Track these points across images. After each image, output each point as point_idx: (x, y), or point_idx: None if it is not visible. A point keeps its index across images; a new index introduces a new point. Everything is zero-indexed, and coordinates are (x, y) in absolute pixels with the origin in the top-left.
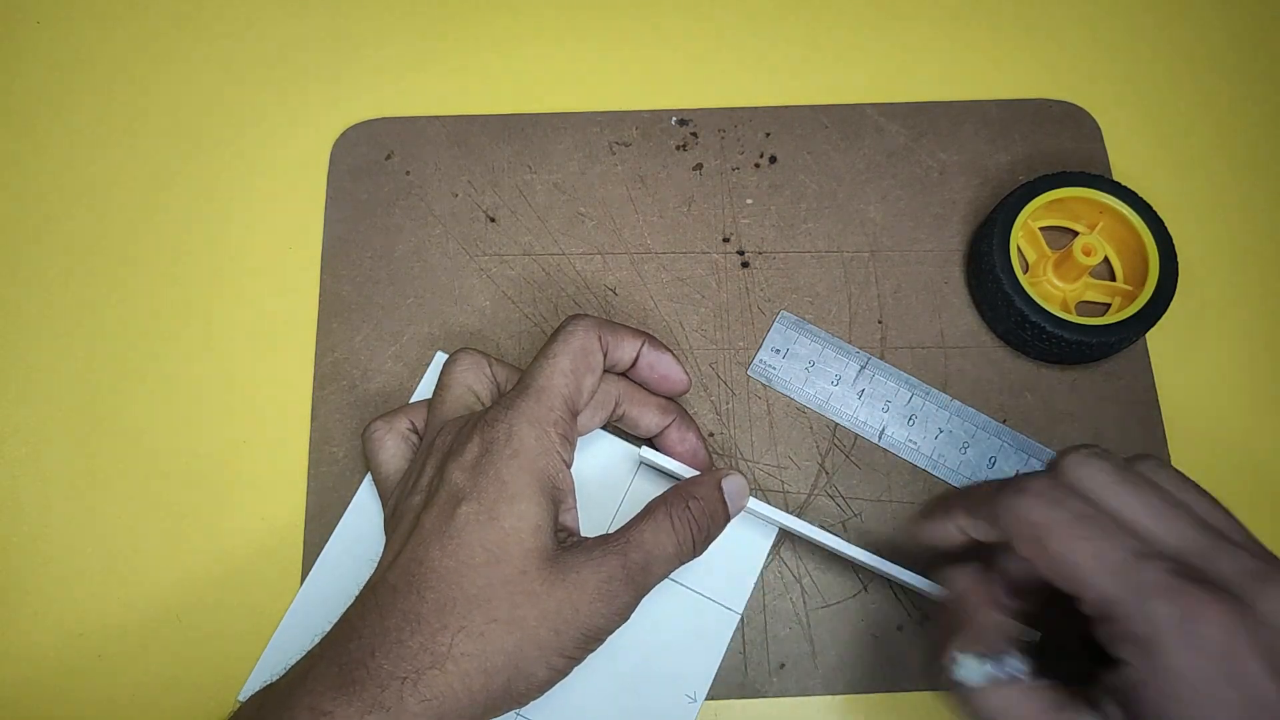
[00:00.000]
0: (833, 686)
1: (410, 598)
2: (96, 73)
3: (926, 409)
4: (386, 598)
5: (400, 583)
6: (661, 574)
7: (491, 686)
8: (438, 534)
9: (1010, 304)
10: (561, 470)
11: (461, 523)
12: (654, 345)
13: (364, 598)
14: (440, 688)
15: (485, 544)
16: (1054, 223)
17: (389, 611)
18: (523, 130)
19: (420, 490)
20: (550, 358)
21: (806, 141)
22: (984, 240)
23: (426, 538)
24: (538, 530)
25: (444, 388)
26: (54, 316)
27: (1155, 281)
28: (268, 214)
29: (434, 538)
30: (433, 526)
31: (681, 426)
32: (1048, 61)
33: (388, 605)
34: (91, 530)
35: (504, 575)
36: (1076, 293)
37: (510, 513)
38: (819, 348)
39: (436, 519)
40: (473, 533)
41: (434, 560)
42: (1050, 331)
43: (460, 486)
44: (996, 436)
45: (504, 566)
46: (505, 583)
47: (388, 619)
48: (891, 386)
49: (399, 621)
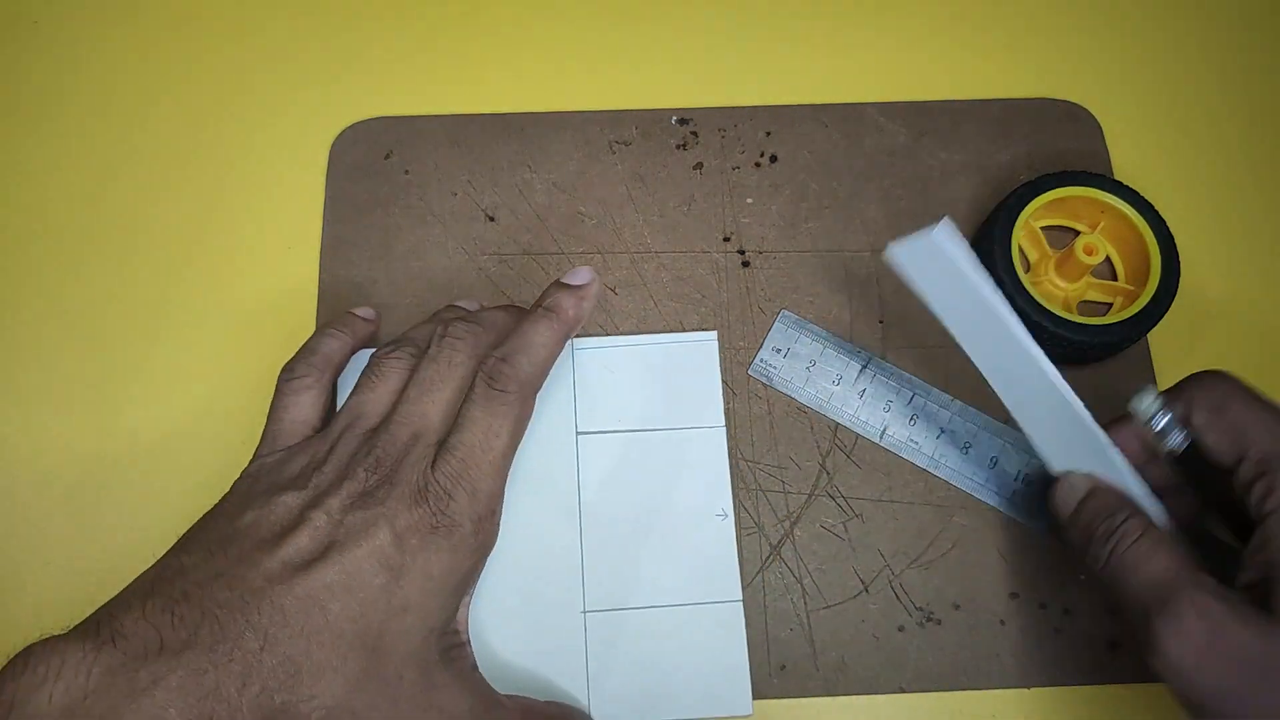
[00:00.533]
0: (833, 688)
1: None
2: (95, 72)
3: (928, 408)
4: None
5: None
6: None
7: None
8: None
9: (1012, 303)
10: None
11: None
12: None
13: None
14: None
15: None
16: (1055, 222)
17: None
18: (522, 129)
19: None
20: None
21: (807, 141)
22: (985, 240)
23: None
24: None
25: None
26: (53, 315)
27: (1157, 280)
28: (266, 213)
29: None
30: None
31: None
32: (1049, 61)
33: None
34: (91, 530)
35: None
36: (1078, 292)
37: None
38: (820, 347)
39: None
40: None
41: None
42: (1053, 331)
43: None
44: (999, 436)
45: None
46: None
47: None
48: (893, 386)
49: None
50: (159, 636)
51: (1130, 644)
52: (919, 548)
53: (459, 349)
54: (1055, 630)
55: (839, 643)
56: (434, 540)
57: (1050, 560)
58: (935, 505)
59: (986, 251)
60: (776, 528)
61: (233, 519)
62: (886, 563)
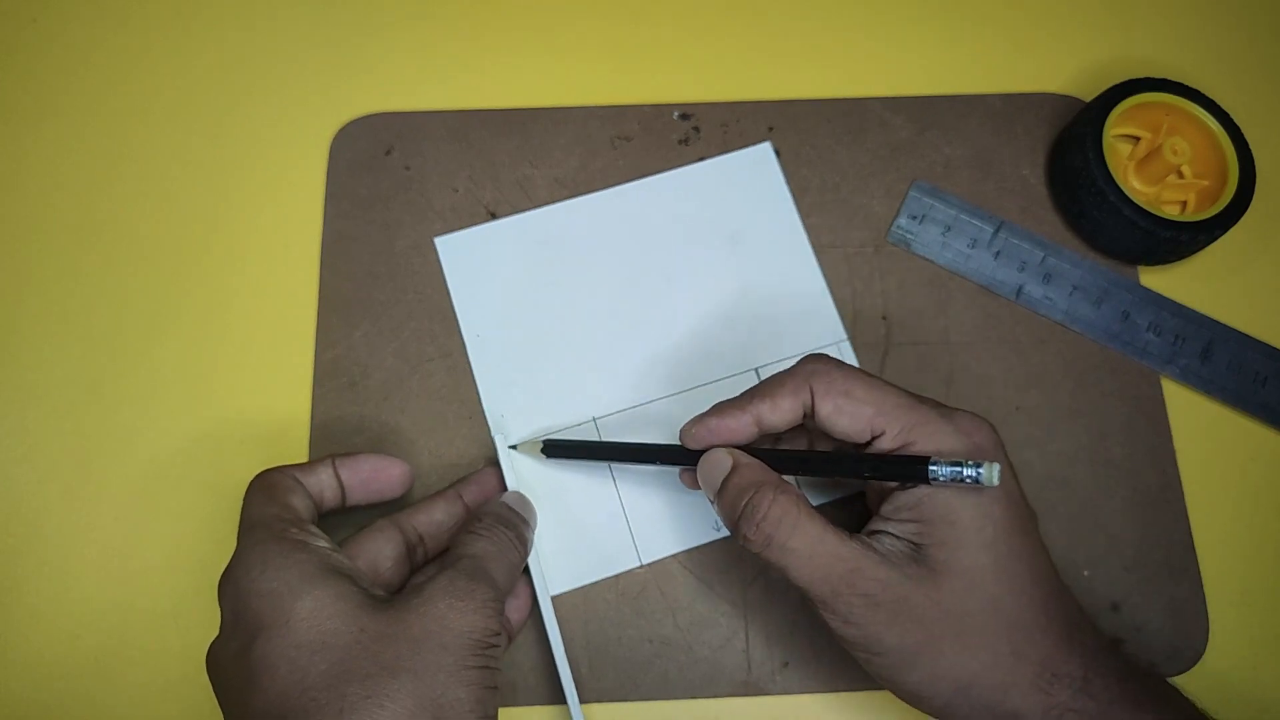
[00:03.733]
0: (836, 684)
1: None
2: (95, 70)
3: (1060, 267)
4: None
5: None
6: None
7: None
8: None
9: (1118, 212)
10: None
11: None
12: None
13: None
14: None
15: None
16: (1127, 131)
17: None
18: (523, 125)
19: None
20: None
21: (809, 135)
22: (1074, 153)
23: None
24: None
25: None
26: (51, 314)
27: (1236, 177)
28: (267, 209)
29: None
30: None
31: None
32: (1050, 55)
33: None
34: (89, 530)
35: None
36: (1155, 195)
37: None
38: (954, 213)
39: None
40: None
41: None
42: (1145, 228)
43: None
44: (1129, 291)
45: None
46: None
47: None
48: (1025, 247)
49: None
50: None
51: (1130, 641)
52: None
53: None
54: None
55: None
56: None
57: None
58: None
59: (1080, 167)
60: None
61: None
62: None
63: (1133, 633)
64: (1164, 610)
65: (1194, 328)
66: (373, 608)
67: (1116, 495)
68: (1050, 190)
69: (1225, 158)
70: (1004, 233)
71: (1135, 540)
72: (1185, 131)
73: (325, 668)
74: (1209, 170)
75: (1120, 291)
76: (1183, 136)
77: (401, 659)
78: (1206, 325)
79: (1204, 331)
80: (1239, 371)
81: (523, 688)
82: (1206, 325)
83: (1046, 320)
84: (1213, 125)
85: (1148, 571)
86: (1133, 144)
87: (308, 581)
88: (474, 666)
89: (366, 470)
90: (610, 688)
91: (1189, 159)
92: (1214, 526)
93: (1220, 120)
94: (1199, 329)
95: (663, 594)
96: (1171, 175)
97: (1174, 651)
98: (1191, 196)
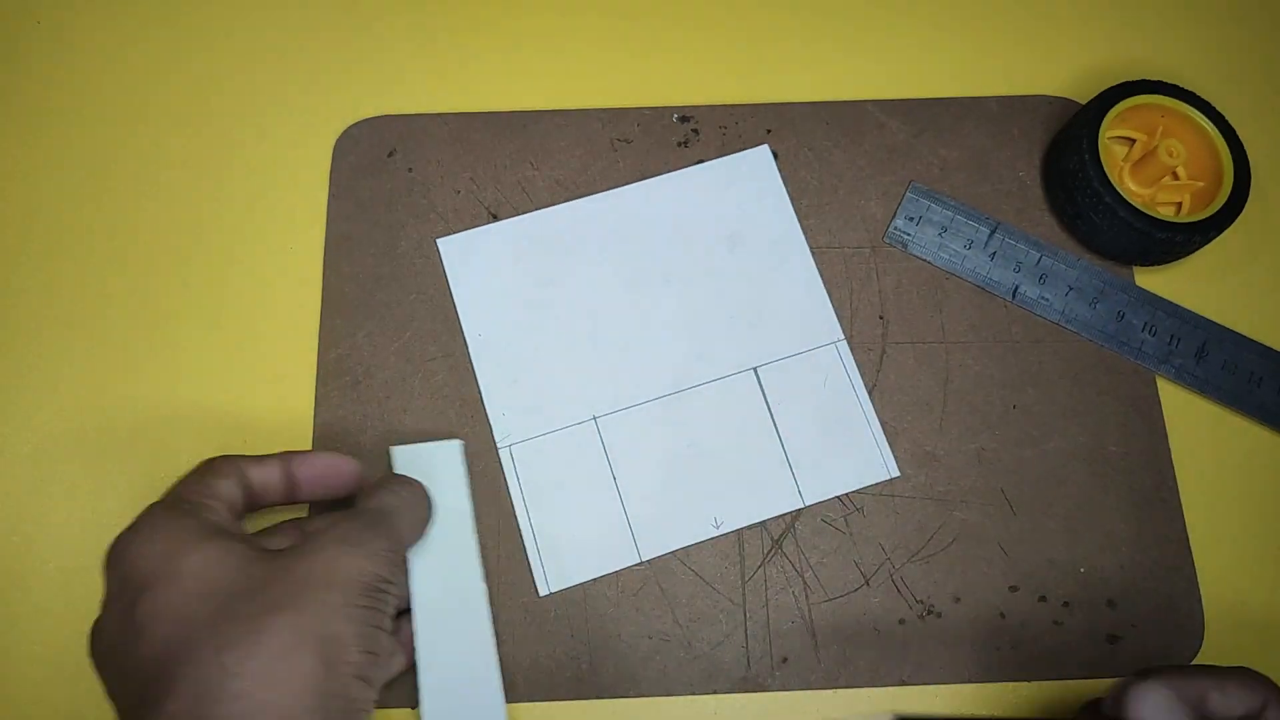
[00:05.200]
0: (835, 680)
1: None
2: (97, 71)
3: (1056, 268)
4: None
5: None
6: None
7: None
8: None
9: (1114, 214)
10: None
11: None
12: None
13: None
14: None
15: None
16: (1122, 133)
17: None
18: (524, 127)
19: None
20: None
21: (807, 138)
22: (1069, 156)
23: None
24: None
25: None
26: (55, 314)
27: (1231, 178)
28: (270, 211)
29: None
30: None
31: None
32: (1047, 58)
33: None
34: (91, 530)
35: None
36: (1151, 196)
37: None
38: (950, 215)
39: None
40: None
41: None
42: (1140, 230)
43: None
44: (1123, 291)
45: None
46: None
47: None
48: (1021, 248)
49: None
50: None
51: (1132, 636)
52: (919, 542)
53: None
54: (1055, 623)
55: (840, 636)
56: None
57: (1050, 553)
58: (936, 500)
59: (1075, 169)
60: (778, 523)
61: None
62: (887, 556)
63: (1128, 629)
64: (1159, 607)
65: (1189, 328)
66: (262, 559)
67: (1112, 493)
68: (1046, 192)
69: (1220, 160)
70: (1000, 234)
71: (1131, 538)
72: (1180, 133)
73: (210, 612)
74: (1204, 172)
75: (1116, 292)
76: (1178, 138)
77: (286, 597)
78: (1201, 325)
79: (1199, 331)
80: (1234, 371)
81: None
82: (1201, 325)
83: (1042, 320)
84: (1208, 127)
85: (1143, 569)
86: (1128, 146)
87: (196, 539)
88: (362, 606)
89: (320, 467)
90: (610, 683)
91: (1184, 161)
92: (1209, 525)
93: (1215, 122)
94: (1194, 329)
95: (663, 590)
96: (1167, 177)
97: (1169, 648)
98: (1186, 198)
